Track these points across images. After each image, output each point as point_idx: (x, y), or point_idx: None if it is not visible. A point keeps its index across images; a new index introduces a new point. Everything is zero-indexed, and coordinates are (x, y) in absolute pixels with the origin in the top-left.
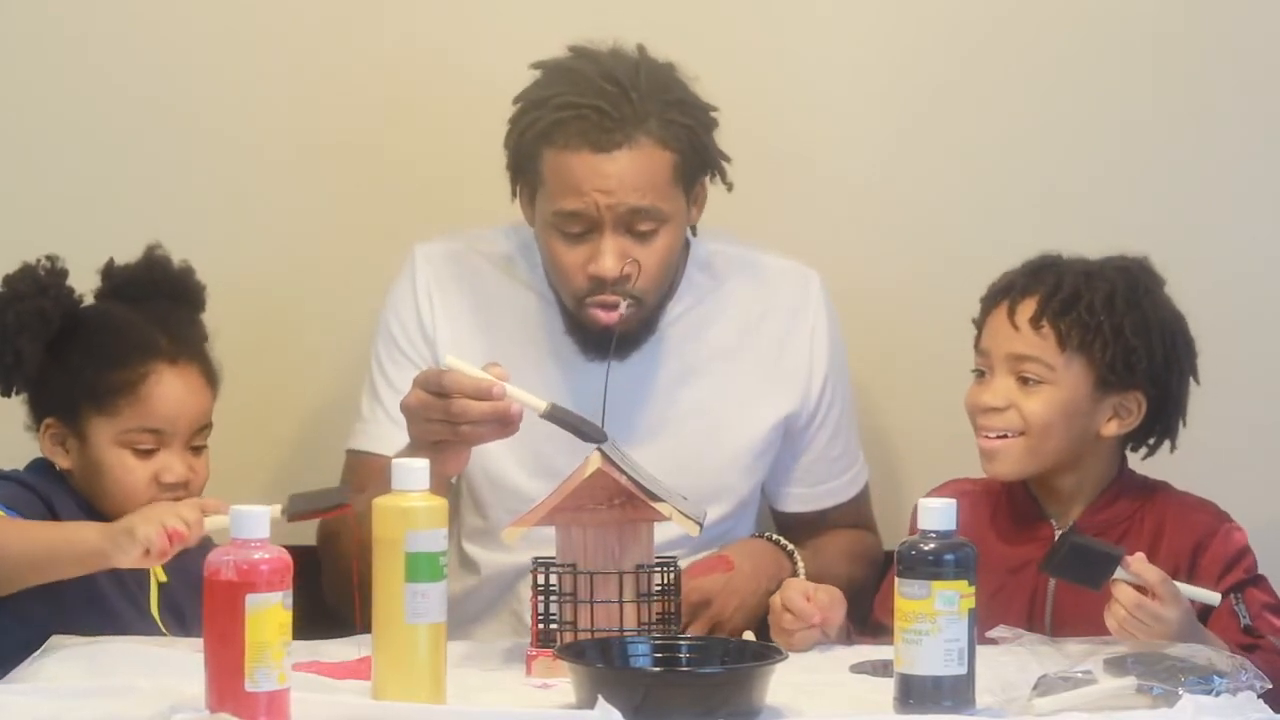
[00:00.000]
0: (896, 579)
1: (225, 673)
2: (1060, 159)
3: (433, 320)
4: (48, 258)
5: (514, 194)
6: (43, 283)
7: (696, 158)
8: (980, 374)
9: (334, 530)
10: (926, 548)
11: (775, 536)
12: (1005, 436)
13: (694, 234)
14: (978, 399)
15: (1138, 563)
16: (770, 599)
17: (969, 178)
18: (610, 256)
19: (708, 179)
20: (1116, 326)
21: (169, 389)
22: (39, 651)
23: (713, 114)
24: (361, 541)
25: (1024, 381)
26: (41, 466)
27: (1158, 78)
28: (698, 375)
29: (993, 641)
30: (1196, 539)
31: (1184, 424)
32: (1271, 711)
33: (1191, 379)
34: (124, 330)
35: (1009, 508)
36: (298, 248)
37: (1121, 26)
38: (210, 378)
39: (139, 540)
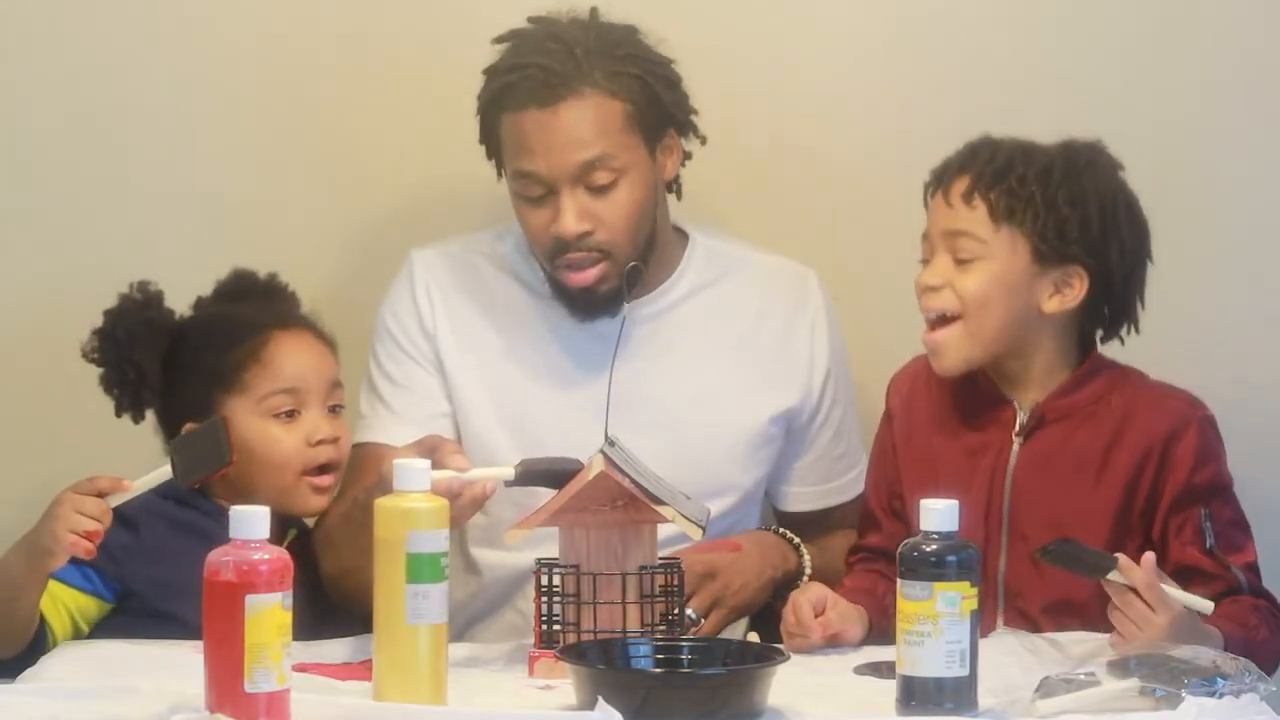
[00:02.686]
0: (899, 580)
1: (225, 673)
2: None
3: (433, 317)
4: (139, 283)
5: (498, 173)
6: (146, 299)
7: (652, 107)
8: (923, 261)
9: (348, 567)
10: (928, 549)
11: (782, 530)
12: (945, 321)
13: (678, 197)
14: (920, 281)
15: (1127, 566)
16: (791, 595)
17: None
18: (568, 215)
19: (677, 133)
20: (1049, 197)
21: (290, 348)
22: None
23: (672, 67)
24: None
25: (960, 262)
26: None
27: (1159, 76)
28: (697, 368)
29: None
30: (1170, 426)
31: (1143, 306)
32: (1274, 714)
33: (1147, 259)
34: (230, 316)
35: (970, 391)
36: (297, 250)
37: (1124, 23)
38: (327, 340)
39: (58, 552)
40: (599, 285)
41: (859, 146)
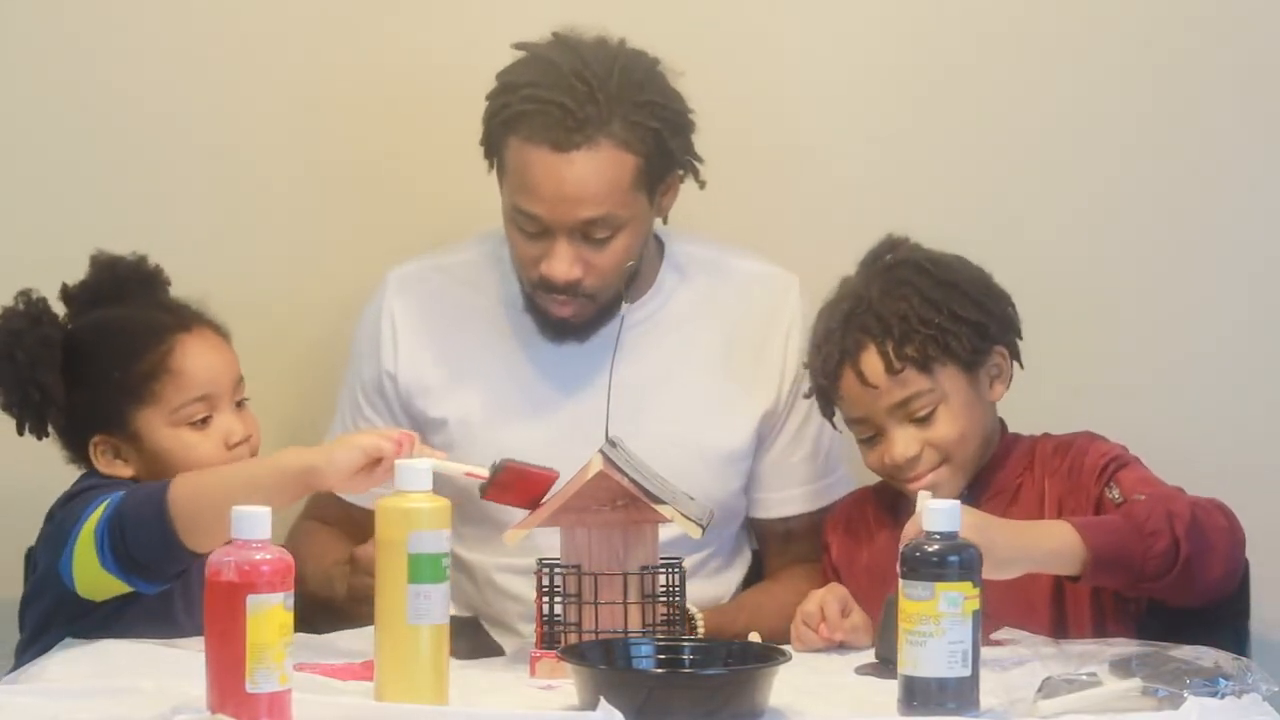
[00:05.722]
0: (900, 580)
1: (226, 674)
2: (1053, 160)
3: (395, 355)
4: (21, 293)
5: (490, 165)
6: (34, 313)
7: (662, 160)
8: (870, 439)
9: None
10: (930, 549)
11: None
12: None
13: (664, 222)
14: (891, 458)
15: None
16: (816, 593)
17: (957, 183)
18: (561, 262)
19: (679, 174)
20: (951, 315)
21: (197, 352)
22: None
23: (688, 115)
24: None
25: (919, 420)
26: (91, 480)
27: (1155, 77)
28: (675, 378)
29: (997, 643)
30: (1070, 458)
31: (1020, 337)
32: (1276, 715)
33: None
34: (127, 323)
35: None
36: (290, 257)
37: (1116, 26)
38: (224, 334)
39: (337, 457)
40: (575, 318)
41: (850, 153)
